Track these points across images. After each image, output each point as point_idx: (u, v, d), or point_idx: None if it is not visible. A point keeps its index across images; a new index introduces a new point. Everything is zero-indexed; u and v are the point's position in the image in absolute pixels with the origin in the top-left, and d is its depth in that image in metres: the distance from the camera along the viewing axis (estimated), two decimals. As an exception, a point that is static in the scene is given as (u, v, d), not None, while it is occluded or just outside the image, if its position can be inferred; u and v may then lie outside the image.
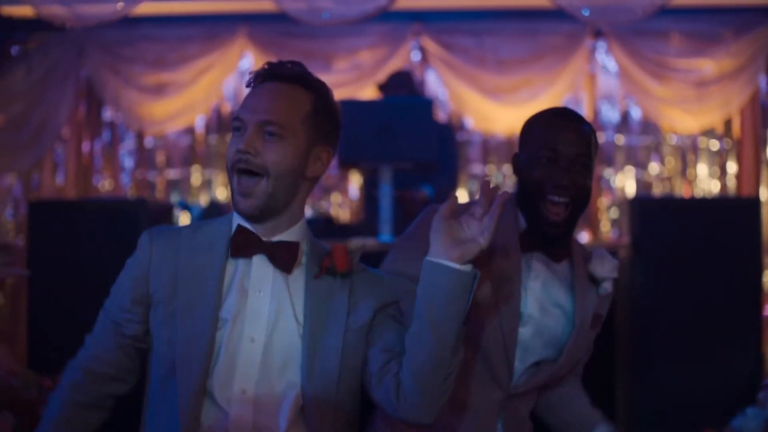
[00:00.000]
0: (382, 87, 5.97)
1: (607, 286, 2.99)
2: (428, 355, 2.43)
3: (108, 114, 7.19)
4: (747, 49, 6.74)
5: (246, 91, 2.66)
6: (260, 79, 2.59)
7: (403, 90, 5.89)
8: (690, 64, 6.89)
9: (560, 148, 2.87)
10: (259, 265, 2.51)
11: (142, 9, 6.17)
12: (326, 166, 2.61)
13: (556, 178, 2.86)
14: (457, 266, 2.38)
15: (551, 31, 6.76)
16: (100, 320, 2.58)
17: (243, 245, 2.52)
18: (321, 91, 2.59)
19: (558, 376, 3.01)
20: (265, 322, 2.47)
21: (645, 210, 5.09)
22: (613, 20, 6.29)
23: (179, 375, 2.47)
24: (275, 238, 2.54)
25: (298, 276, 2.56)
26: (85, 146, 7.15)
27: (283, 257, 2.52)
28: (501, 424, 2.99)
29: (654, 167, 7.11)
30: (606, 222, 6.95)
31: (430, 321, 2.43)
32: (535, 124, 2.98)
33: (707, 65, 6.87)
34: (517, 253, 2.92)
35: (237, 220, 2.57)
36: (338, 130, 2.65)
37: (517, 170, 2.98)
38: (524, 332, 2.95)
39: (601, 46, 6.94)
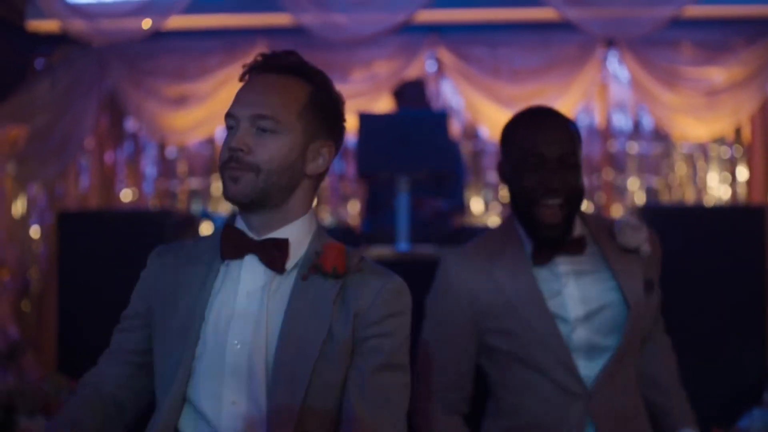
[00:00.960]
0: (396, 94, 6.07)
1: (646, 249, 2.91)
2: None
3: (130, 125, 7.33)
4: (757, 58, 6.82)
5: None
6: (254, 71, 2.41)
7: (416, 96, 5.98)
8: (701, 73, 6.96)
9: (544, 150, 2.80)
10: (250, 266, 2.32)
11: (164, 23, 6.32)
12: (329, 162, 2.41)
13: (546, 182, 2.80)
14: None
15: (564, 41, 6.85)
16: (113, 338, 2.46)
17: (231, 245, 2.34)
18: (319, 82, 2.40)
19: (625, 355, 2.90)
20: (252, 326, 2.27)
21: (655, 217, 5.19)
22: (622, 34, 6.40)
23: (161, 386, 2.33)
24: (265, 236, 2.35)
25: (292, 277, 2.34)
26: (108, 156, 7.28)
27: (271, 255, 2.32)
28: (593, 429, 2.86)
29: (665, 174, 7.20)
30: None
31: None
32: (515, 129, 2.91)
33: (718, 74, 6.94)
34: (529, 274, 2.88)
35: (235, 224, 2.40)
36: (340, 123, 2.45)
37: (504, 179, 2.92)
38: (579, 335, 2.87)
39: (613, 55, 7.02)
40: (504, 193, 7.14)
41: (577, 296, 2.87)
